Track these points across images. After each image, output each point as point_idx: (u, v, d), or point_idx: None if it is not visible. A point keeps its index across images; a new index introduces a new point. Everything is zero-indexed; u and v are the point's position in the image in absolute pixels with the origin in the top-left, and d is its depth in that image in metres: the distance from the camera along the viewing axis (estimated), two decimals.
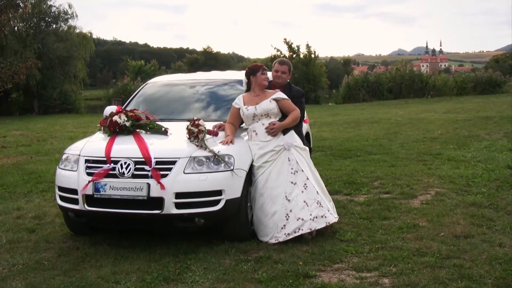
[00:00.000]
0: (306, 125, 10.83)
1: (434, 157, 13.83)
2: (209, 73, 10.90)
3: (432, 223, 7.91)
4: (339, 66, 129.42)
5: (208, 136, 7.41)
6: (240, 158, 7.26)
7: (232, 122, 7.82)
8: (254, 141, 7.62)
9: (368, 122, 24.65)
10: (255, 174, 7.50)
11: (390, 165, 12.82)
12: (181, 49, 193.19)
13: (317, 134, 19.26)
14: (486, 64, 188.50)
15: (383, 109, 34.43)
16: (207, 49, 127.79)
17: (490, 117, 24.13)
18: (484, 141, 16.36)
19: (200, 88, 9.57)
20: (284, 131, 7.63)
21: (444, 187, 10.33)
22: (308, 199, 7.38)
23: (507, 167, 11.83)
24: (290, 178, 7.44)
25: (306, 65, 51.37)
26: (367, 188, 10.41)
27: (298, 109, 7.84)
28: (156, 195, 6.78)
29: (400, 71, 50.24)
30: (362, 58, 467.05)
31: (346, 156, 14.54)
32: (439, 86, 48.68)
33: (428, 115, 27.04)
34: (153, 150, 7.10)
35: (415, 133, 19.23)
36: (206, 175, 6.93)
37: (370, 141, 17.43)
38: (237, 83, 9.12)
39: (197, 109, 8.99)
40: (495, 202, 8.99)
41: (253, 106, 7.66)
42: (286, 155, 7.54)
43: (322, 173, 11.32)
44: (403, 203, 9.18)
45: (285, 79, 8.22)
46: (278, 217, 7.30)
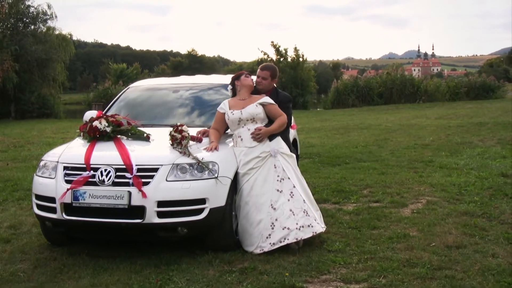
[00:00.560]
0: (294, 131, 10.83)
1: (426, 164, 13.87)
2: (193, 77, 10.89)
3: (423, 233, 7.93)
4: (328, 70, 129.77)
5: (192, 142, 7.41)
6: (224, 165, 7.26)
7: (217, 127, 7.82)
8: (239, 147, 7.62)
9: (357, 128, 24.70)
10: (240, 181, 7.50)
11: (380, 172, 12.85)
12: (164, 51, 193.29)
13: (304, 141, 19.28)
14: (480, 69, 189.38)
15: (373, 115, 34.50)
16: (192, 52, 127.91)
17: (484, 123, 24.23)
18: (477, 148, 16.44)
19: (184, 92, 9.57)
20: (270, 137, 7.64)
21: (436, 195, 10.36)
22: (294, 208, 7.38)
23: (500, 174, 11.89)
24: (276, 186, 7.44)
25: (294, 69, 51.41)
26: (356, 197, 10.42)
27: (285, 115, 7.85)
28: (137, 203, 6.75)
29: (391, 76, 50.31)
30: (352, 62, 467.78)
31: (334, 163, 14.55)
32: (431, 91, 48.81)
33: (420, 121, 27.11)
34: (134, 157, 7.08)
35: (406, 140, 19.27)
36: (190, 183, 6.92)
37: (359, 148, 17.46)
38: (222, 88, 9.10)
39: (181, 114, 8.99)
40: (488, 211, 9.03)
41: (239, 111, 7.67)
42: (272, 162, 7.54)
43: (310, 181, 11.36)
44: (393, 212, 9.20)
45: (266, 85, 8.16)
46: (263, 226, 7.29)
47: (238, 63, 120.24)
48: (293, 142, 10.39)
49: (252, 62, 72.93)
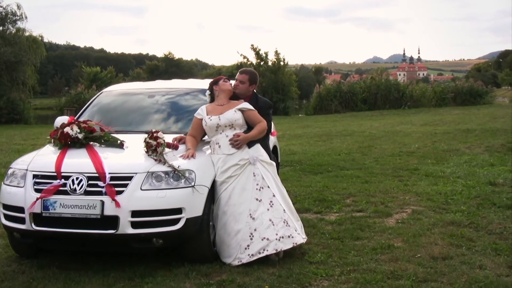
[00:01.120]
0: (274, 138, 10.84)
1: (411, 172, 13.94)
2: (169, 82, 10.91)
3: (408, 244, 7.96)
4: (310, 75, 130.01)
5: (168, 149, 7.39)
6: (202, 174, 7.24)
7: (194, 134, 7.82)
8: (217, 154, 7.62)
9: (340, 135, 24.76)
10: (218, 190, 7.49)
11: (363, 181, 12.89)
12: (140, 55, 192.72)
13: (285, 148, 19.30)
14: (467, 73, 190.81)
15: (357, 121, 34.60)
16: (169, 55, 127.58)
17: (471, 129, 24.37)
18: (464, 155, 16.54)
19: (159, 97, 9.56)
20: (249, 144, 7.65)
21: (421, 204, 10.41)
22: (274, 218, 7.37)
23: (488, 183, 11.96)
24: (255, 195, 7.45)
25: (274, 73, 51.45)
26: (339, 206, 10.44)
27: (265, 121, 7.86)
28: (110, 213, 6.72)
29: (375, 80, 50.38)
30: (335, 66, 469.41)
31: (316, 171, 14.58)
32: (417, 96, 49.01)
33: (405, 128, 27.21)
34: (107, 165, 7.05)
35: (390, 147, 19.35)
36: (165, 191, 6.90)
37: (342, 156, 17.49)
38: (200, 93, 9.09)
39: (156, 120, 8.98)
40: (475, 221, 9.08)
41: (217, 116, 7.67)
42: (251, 169, 7.55)
43: (291, 190, 11.38)
44: (377, 222, 9.23)
45: (244, 90, 8.14)
46: (241, 236, 7.28)
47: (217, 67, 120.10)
48: (273, 150, 10.40)
49: (232, 66, 72.91)
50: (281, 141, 17.48)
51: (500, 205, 10.05)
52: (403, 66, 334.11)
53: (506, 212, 9.56)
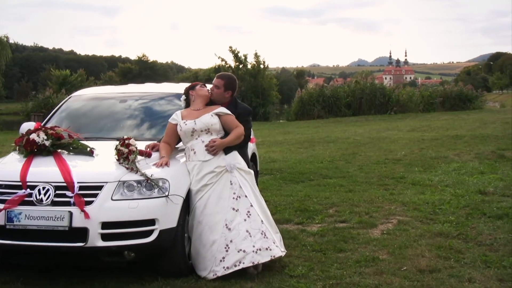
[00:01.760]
0: (253, 145, 10.85)
1: (397, 181, 14.00)
2: (143, 86, 10.90)
3: (394, 256, 7.98)
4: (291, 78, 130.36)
5: (140, 157, 7.39)
6: (176, 183, 7.22)
7: (168, 141, 7.82)
8: (192, 161, 7.62)
9: (323, 142, 24.79)
10: (193, 199, 7.49)
11: (347, 190, 12.93)
12: (112, 57, 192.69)
13: (265, 155, 19.34)
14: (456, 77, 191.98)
15: (341, 127, 34.67)
16: (142, 57, 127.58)
17: (460, 136, 24.47)
18: (453, 163, 16.63)
19: (132, 102, 9.55)
20: (226, 150, 7.66)
21: (408, 215, 10.46)
22: (251, 229, 7.37)
23: (478, 192, 12.03)
24: (232, 204, 7.44)
25: (254, 77, 51.53)
26: (321, 216, 10.46)
27: (242, 126, 7.86)
28: (79, 225, 6.67)
29: (360, 84, 50.31)
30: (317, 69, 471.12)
31: (298, 180, 14.61)
32: (404, 101, 49.06)
33: (391, 134, 27.30)
34: (76, 174, 7.01)
35: (375, 154, 19.41)
36: (137, 202, 6.86)
37: (325, 163, 17.53)
38: (175, 98, 9.10)
39: (129, 126, 8.97)
40: (464, 231, 9.12)
41: (193, 120, 7.67)
42: (228, 177, 7.56)
43: (271, 199, 11.40)
44: (362, 233, 9.25)
45: (218, 96, 8.07)
46: (216, 248, 7.27)
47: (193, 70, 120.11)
48: (252, 157, 10.40)
49: (209, 69, 72.96)
50: (260, 148, 17.50)
51: (490, 215, 10.11)
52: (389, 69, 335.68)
53: (496, 222, 9.61)
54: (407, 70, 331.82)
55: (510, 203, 10.90)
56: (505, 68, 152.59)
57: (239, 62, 52.35)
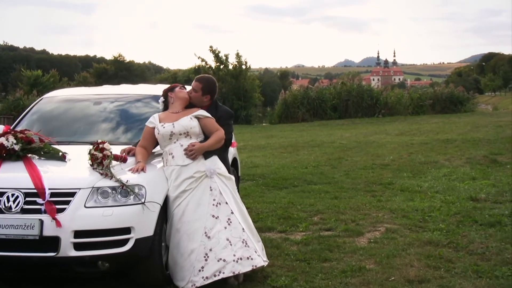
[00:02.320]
0: (234, 150, 10.85)
1: (385, 187, 14.04)
2: (118, 87, 10.88)
3: (381, 266, 7.99)
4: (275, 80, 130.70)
5: (115, 162, 7.35)
6: (153, 189, 7.19)
7: (145, 145, 7.79)
8: (170, 165, 7.59)
9: (308, 146, 24.85)
10: (171, 206, 7.46)
11: (332, 196, 12.95)
12: (87, 57, 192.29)
13: (247, 160, 19.33)
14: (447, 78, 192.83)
15: (326, 131, 34.71)
16: (119, 57, 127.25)
17: (451, 140, 24.59)
18: (443, 168, 16.69)
19: (107, 104, 9.54)
20: (206, 155, 7.65)
21: (396, 222, 10.48)
22: (232, 237, 7.36)
23: (469, 198, 12.07)
24: (212, 211, 7.43)
25: (235, 78, 51.57)
26: (305, 224, 10.48)
27: (223, 130, 7.85)
28: (50, 234, 6.63)
29: (346, 86, 50.24)
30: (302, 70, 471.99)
31: (281, 186, 14.64)
32: (392, 103, 49.03)
33: (379, 138, 27.39)
34: (47, 179, 6.96)
35: (363, 159, 19.47)
36: (112, 209, 6.82)
37: (309, 169, 17.57)
38: (153, 100, 9.10)
39: (103, 130, 8.96)
40: (455, 240, 9.15)
41: (171, 123, 7.66)
42: (207, 183, 7.54)
43: (252, 206, 11.40)
44: (348, 242, 9.26)
45: (196, 99, 8.05)
46: (195, 257, 7.24)
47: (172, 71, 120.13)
48: (233, 162, 10.40)
49: (188, 69, 72.99)
50: (242, 153, 17.49)
51: (482, 222, 10.14)
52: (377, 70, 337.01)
53: (488, 230, 9.64)
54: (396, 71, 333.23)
55: (502, 210, 10.94)
56: (498, 69, 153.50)
57: (220, 63, 52.39)
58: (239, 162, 11.81)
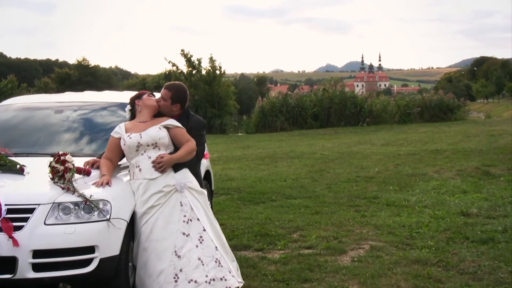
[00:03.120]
0: (206, 161, 10.85)
1: (370, 201, 14.07)
2: (82, 94, 10.83)
3: (366, 286, 8.00)
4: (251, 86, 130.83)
5: (78, 175, 7.32)
6: (119, 204, 7.17)
7: (110, 157, 7.78)
8: (137, 179, 7.58)
9: (287, 157, 24.88)
10: (138, 223, 7.45)
11: (313, 212, 12.96)
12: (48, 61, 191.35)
13: (221, 173, 19.34)
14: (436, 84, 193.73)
15: (306, 141, 34.76)
16: (83, 61, 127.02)
17: (441, 150, 24.69)
18: (432, 180, 16.74)
19: (70, 113, 9.50)
20: (176, 167, 7.64)
21: (381, 239, 10.50)
22: (204, 256, 7.35)
23: (460, 213, 12.11)
24: (182, 228, 7.41)
25: (209, 84, 51.48)
26: (284, 242, 10.48)
27: (194, 140, 7.83)
28: (6, 254, 6.58)
29: (328, 93, 50.30)
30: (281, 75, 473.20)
31: (258, 200, 14.65)
32: (377, 111, 49.11)
33: (363, 148, 27.48)
34: (3, 195, 6.90)
35: (346, 171, 19.51)
36: (74, 226, 6.79)
37: (289, 182, 17.60)
38: (119, 108, 9.10)
39: (65, 140, 8.93)
40: (444, 258, 9.17)
41: (138, 134, 7.65)
42: (177, 198, 7.53)
43: (227, 223, 11.40)
44: (329, 261, 9.27)
45: (166, 108, 8.05)
46: (164, 278, 7.22)
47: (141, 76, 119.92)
48: (206, 175, 10.40)
49: (158, 75, 72.90)
50: (215, 165, 17.47)
51: (473, 239, 10.16)
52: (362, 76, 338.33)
53: (480, 248, 9.66)
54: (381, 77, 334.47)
55: (496, 226, 10.97)
56: (491, 75, 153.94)
57: (192, 68, 52.28)
58: (213, 175, 11.82)
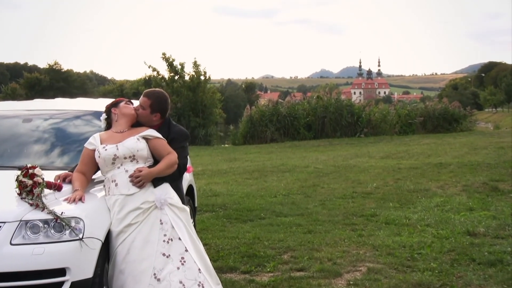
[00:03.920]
0: (190, 175, 10.83)
1: (367, 219, 14.07)
2: (53, 101, 10.80)
3: None
4: (239, 93, 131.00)
5: (48, 190, 7.29)
6: (92, 223, 7.12)
7: (83, 170, 7.74)
8: (113, 195, 7.54)
9: (277, 171, 24.90)
10: (114, 243, 7.41)
11: (306, 230, 12.96)
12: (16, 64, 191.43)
13: (205, 188, 19.37)
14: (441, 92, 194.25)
15: (299, 153, 34.82)
16: (54, 65, 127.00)
17: (445, 164, 24.72)
18: (435, 197, 16.76)
19: (39, 122, 9.50)
20: (156, 182, 7.62)
21: (380, 261, 10.49)
22: (185, 279, 7.32)
23: (466, 233, 12.11)
24: (162, 249, 7.38)
25: (192, 91, 51.54)
26: (274, 264, 10.47)
27: (175, 153, 7.83)
28: None
29: (323, 101, 50.39)
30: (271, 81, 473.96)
31: (245, 218, 14.63)
32: (376, 121, 49.22)
33: (360, 162, 27.52)
34: None
35: (341, 186, 19.54)
36: (44, 247, 6.73)
37: (279, 198, 17.61)
38: (94, 116, 9.09)
39: (35, 152, 8.92)
40: (449, 281, 9.19)
41: (114, 145, 7.62)
42: (157, 215, 7.49)
43: (211, 242, 11.39)
44: (323, 284, 9.27)
45: (144, 117, 8.04)
46: None
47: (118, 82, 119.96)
48: (188, 190, 10.39)
49: (137, 80, 72.92)
50: (199, 179, 17.45)
51: (480, 261, 10.18)
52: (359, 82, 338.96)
53: (487, 271, 9.68)
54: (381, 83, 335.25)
55: (504, 246, 10.99)
56: (500, 81, 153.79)
57: (175, 73, 52.33)
58: (196, 191, 11.80)
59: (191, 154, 9.65)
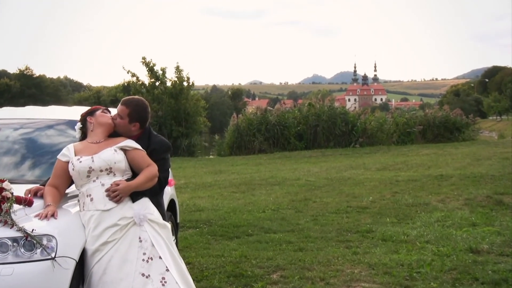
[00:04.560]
0: (171, 189, 10.82)
1: (362, 235, 14.07)
2: (24, 110, 10.77)
3: None
4: (225, 100, 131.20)
5: (18, 206, 7.25)
6: (66, 240, 7.09)
7: (56, 184, 7.70)
8: (88, 210, 7.49)
9: (266, 184, 24.91)
10: (89, 262, 7.36)
11: (296, 248, 12.96)
12: None
13: (188, 202, 19.36)
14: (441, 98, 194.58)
15: (289, 165, 34.85)
16: (25, 70, 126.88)
17: (446, 176, 24.78)
18: (436, 211, 16.78)
19: (9, 132, 9.48)
20: (134, 197, 7.60)
21: (376, 280, 10.50)
22: None
23: (468, 250, 12.12)
24: (141, 269, 7.33)
25: (175, 98, 51.54)
26: (262, 284, 10.47)
27: (155, 165, 7.81)
28: None
29: (315, 108, 50.35)
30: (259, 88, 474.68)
31: (231, 235, 14.62)
32: (372, 130, 49.23)
33: (355, 174, 27.56)
34: None
35: (335, 200, 19.54)
36: (13, 267, 6.69)
37: (268, 213, 17.61)
38: (68, 126, 9.07)
39: (3, 165, 8.88)
40: None
41: (89, 157, 7.58)
42: (136, 232, 7.46)
43: (195, 261, 11.40)
44: None
45: (123, 127, 8.03)
46: None
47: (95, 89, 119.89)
48: (170, 205, 10.37)
49: (115, 87, 72.89)
50: (182, 193, 17.43)
51: (484, 280, 10.19)
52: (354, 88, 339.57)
53: None
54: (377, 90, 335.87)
55: (509, 264, 11.00)
56: (504, 87, 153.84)
57: (155, 78, 52.33)
58: (178, 205, 11.78)
59: (173, 166, 9.64)
